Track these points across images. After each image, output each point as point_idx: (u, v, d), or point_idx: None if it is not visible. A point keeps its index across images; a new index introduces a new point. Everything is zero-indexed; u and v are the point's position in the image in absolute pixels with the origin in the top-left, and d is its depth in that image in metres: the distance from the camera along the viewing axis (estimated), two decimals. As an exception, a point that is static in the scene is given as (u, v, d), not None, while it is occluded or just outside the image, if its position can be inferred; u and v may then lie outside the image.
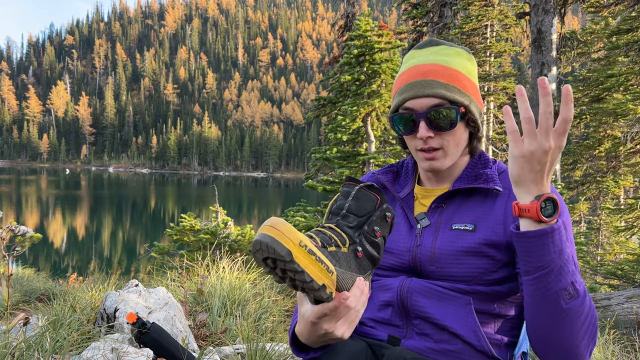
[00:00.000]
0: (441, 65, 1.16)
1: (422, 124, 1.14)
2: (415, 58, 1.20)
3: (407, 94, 1.15)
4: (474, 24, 11.21)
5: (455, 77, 1.16)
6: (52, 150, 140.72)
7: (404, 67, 1.21)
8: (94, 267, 17.56)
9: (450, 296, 1.11)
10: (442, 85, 1.14)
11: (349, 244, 0.93)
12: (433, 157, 1.16)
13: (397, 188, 1.29)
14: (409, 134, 1.18)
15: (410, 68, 1.19)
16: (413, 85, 1.15)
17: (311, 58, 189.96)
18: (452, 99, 1.13)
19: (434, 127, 1.14)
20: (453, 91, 1.14)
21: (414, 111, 1.15)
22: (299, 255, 0.82)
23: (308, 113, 10.93)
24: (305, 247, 0.83)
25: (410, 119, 1.15)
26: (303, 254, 0.82)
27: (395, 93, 1.20)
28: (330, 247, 0.91)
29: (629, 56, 9.78)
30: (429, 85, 1.14)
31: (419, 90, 1.14)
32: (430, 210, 1.20)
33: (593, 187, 13.30)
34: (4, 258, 3.65)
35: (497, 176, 1.19)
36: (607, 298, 4.61)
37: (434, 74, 1.15)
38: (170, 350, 2.23)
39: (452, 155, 1.18)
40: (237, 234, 8.44)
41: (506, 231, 1.11)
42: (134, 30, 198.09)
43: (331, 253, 0.90)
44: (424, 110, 1.13)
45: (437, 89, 1.13)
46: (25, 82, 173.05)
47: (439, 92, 1.13)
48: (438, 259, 1.13)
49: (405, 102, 1.16)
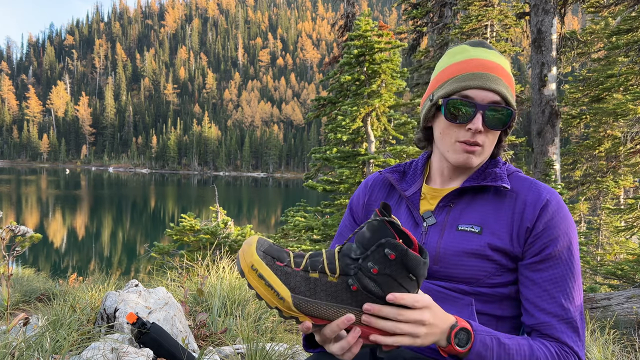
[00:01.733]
0: (503, 67, 1.17)
1: (479, 116, 1.12)
2: (473, 52, 1.18)
3: (470, 82, 1.13)
4: (474, 24, 11.20)
5: (511, 82, 1.18)
6: (52, 150, 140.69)
7: (460, 57, 1.18)
8: (94, 267, 17.56)
9: (451, 297, 1.11)
10: (505, 86, 1.14)
11: (338, 274, 0.91)
12: (473, 151, 1.15)
13: (404, 186, 1.28)
14: (459, 123, 1.15)
15: (473, 59, 1.16)
16: (480, 76, 1.13)
17: (311, 58, 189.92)
18: (510, 102, 1.14)
19: (487, 122, 1.13)
20: (511, 95, 1.15)
21: (475, 101, 1.13)
22: (249, 276, 0.90)
23: (308, 113, 10.93)
24: (255, 271, 0.89)
25: (469, 107, 1.13)
26: (253, 276, 0.90)
27: (451, 78, 1.16)
28: (314, 273, 0.91)
29: (629, 56, 9.78)
30: (495, 81, 1.13)
31: (486, 82, 1.12)
32: (438, 209, 1.20)
33: (593, 187, 13.29)
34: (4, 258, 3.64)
35: (506, 176, 1.18)
36: (607, 298, 4.61)
37: (498, 71, 1.15)
38: (170, 350, 2.23)
39: (485, 155, 1.18)
40: (237, 234, 8.44)
41: (511, 239, 1.11)
42: (134, 30, 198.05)
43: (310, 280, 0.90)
44: (486, 104, 1.13)
45: (502, 88, 1.13)
46: (25, 82, 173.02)
47: (502, 91, 1.13)
48: (442, 259, 1.13)
49: (466, 90, 1.13)
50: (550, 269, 1.09)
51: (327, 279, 0.91)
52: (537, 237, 1.10)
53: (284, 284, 0.89)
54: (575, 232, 1.13)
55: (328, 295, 0.90)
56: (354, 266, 0.90)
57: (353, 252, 0.92)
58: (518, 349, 1.03)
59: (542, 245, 1.09)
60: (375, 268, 0.89)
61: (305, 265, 0.91)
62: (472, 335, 0.99)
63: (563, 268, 1.09)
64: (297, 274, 0.90)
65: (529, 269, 1.10)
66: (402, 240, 0.94)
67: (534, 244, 1.10)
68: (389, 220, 0.92)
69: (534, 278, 1.09)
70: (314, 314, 0.90)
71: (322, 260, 0.92)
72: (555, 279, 1.09)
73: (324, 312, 0.90)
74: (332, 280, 0.90)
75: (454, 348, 0.97)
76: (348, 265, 0.91)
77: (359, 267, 0.90)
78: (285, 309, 0.90)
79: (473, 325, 1.01)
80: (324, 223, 9.05)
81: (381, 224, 0.90)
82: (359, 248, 0.91)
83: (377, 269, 0.89)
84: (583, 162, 13.58)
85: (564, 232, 1.10)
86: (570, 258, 1.09)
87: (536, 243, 1.10)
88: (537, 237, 1.10)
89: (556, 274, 1.09)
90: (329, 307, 0.90)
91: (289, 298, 0.89)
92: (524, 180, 1.18)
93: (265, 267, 0.89)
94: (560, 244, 1.09)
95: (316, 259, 0.92)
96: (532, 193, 1.14)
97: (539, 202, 1.11)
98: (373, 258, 0.89)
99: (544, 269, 1.09)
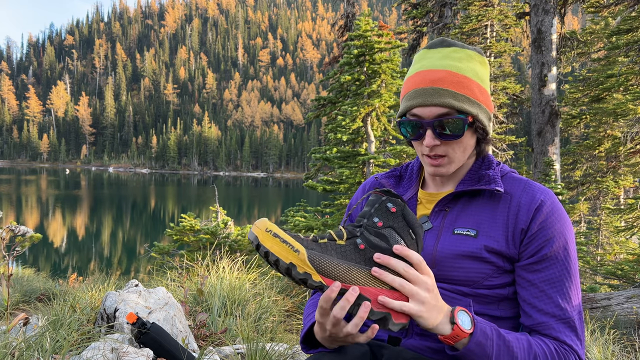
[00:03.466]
0: (450, 71, 1.13)
1: (429, 132, 1.13)
2: (426, 60, 1.17)
3: (414, 100, 1.13)
4: (474, 24, 11.20)
5: (464, 85, 1.13)
6: (52, 150, 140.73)
7: (414, 69, 1.19)
8: (94, 267, 17.56)
9: (450, 298, 1.11)
10: (451, 94, 1.11)
11: (346, 237, 0.98)
12: (439, 163, 1.16)
13: (400, 191, 1.29)
14: (416, 140, 1.18)
15: (421, 72, 1.16)
16: (421, 93, 1.13)
17: (311, 58, 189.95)
18: (460, 109, 1.11)
19: (440, 136, 1.13)
20: (461, 100, 1.12)
21: (421, 119, 1.13)
22: (264, 238, 0.94)
23: (308, 113, 10.93)
24: (270, 232, 0.95)
25: (417, 126, 1.14)
26: (268, 238, 0.94)
27: (404, 97, 1.18)
28: (322, 239, 0.97)
29: (629, 56, 9.78)
30: (437, 94, 1.11)
31: (427, 98, 1.12)
32: (434, 214, 1.20)
33: (593, 187, 13.29)
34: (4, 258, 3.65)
35: (500, 178, 1.18)
36: (607, 298, 4.61)
37: (443, 81, 1.12)
38: (170, 350, 2.23)
39: (458, 162, 1.17)
40: (237, 234, 8.44)
41: (507, 241, 1.11)
42: (134, 30, 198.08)
43: (320, 244, 0.96)
44: (431, 120, 1.12)
45: (445, 99, 1.11)
46: (25, 82, 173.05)
47: (446, 102, 1.10)
48: (439, 262, 1.13)
49: (412, 109, 1.14)
50: (547, 270, 1.09)
51: (335, 243, 0.97)
52: (532, 238, 1.10)
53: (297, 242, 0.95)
54: (572, 231, 1.13)
55: (339, 254, 0.96)
56: (360, 226, 0.99)
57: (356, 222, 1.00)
58: (517, 343, 1.03)
59: (538, 246, 1.09)
60: (380, 222, 0.97)
61: (314, 237, 0.98)
62: (472, 319, 1.00)
63: (559, 268, 1.09)
64: (308, 239, 0.97)
65: (525, 270, 1.10)
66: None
67: (529, 245, 1.10)
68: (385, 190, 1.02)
69: (531, 279, 1.10)
70: (326, 270, 0.95)
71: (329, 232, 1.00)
72: (552, 279, 1.09)
73: (335, 269, 0.95)
74: (340, 243, 0.97)
75: (459, 328, 0.97)
76: (354, 228, 0.99)
77: (365, 225, 0.98)
78: (300, 263, 0.94)
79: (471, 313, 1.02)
80: (324, 223, 9.05)
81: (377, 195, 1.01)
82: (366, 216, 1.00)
83: (382, 222, 0.97)
84: (583, 162, 13.58)
85: (559, 232, 1.10)
86: (566, 258, 1.09)
87: (531, 244, 1.10)
88: (532, 238, 1.10)
89: (553, 275, 1.09)
90: (341, 264, 0.95)
91: (304, 251, 0.94)
92: (518, 182, 1.18)
93: (279, 229, 0.96)
94: (555, 244, 1.09)
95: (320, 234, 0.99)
96: (526, 194, 1.14)
97: (533, 203, 1.12)
98: (377, 212, 0.98)
99: (540, 270, 1.09)
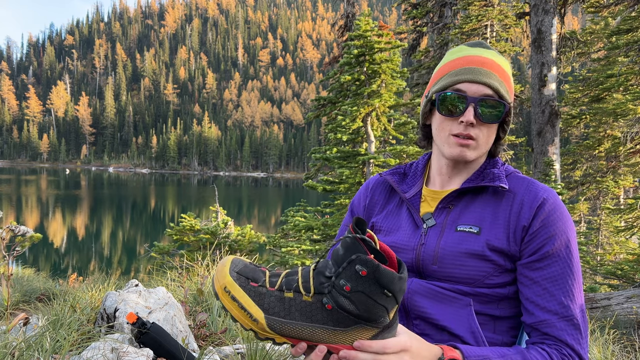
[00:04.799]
0: (497, 63, 1.18)
1: (471, 109, 1.13)
2: (468, 51, 1.20)
3: (463, 76, 1.15)
4: (474, 24, 11.20)
5: (506, 78, 1.18)
6: (52, 150, 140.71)
7: (456, 55, 1.21)
8: (94, 267, 17.56)
9: (450, 297, 1.12)
10: (498, 80, 1.15)
11: (313, 293, 0.89)
12: (467, 144, 1.15)
13: (404, 188, 1.29)
14: (451, 116, 1.16)
15: (467, 56, 1.18)
16: (471, 70, 1.15)
17: (311, 58, 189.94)
18: (503, 95, 1.15)
19: (479, 115, 1.14)
20: (504, 89, 1.16)
21: (466, 94, 1.14)
22: (223, 299, 0.90)
23: (308, 113, 10.93)
24: (228, 293, 0.89)
25: (461, 101, 1.14)
26: (227, 299, 0.90)
27: (445, 74, 1.19)
28: (288, 292, 0.90)
29: (629, 56, 9.78)
30: (487, 75, 1.14)
31: (477, 76, 1.14)
32: (437, 211, 1.20)
33: (593, 187, 13.30)
34: (4, 258, 3.65)
35: (504, 176, 1.19)
36: (607, 298, 4.60)
37: (492, 66, 1.16)
38: (170, 350, 2.23)
39: (481, 150, 1.18)
40: (237, 234, 8.45)
41: (508, 238, 1.11)
42: (134, 30, 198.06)
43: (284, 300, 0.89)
44: (477, 97, 1.14)
45: (494, 81, 1.14)
46: (25, 82, 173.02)
47: (494, 84, 1.14)
48: (441, 259, 1.13)
49: (458, 84, 1.15)
50: (549, 267, 1.09)
51: (301, 298, 0.89)
52: (533, 236, 1.10)
53: (257, 305, 0.89)
54: (574, 230, 1.13)
55: (303, 315, 0.89)
56: (327, 284, 0.88)
57: (328, 270, 0.89)
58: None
59: (540, 244, 1.10)
60: (348, 285, 0.86)
61: (280, 285, 0.90)
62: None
63: (562, 266, 1.09)
64: (271, 294, 0.89)
65: (527, 268, 1.11)
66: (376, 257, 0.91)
67: (530, 243, 1.10)
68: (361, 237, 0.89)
69: (533, 277, 1.10)
70: (289, 335, 0.89)
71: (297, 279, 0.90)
72: (554, 277, 1.09)
73: (299, 333, 0.89)
74: (306, 299, 0.89)
75: None
76: (322, 284, 0.89)
77: (332, 285, 0.88)
78: (260, 331, 0.89)
79: (463, 351, 1.00)
80: (324, 223, 9.05)
81: (353, 240, 0.88)
82: (334, 266, 0.88)
83: (350, 287, 0.86)
84: (583, 162, 13.58)
85: (561, 230, 1.10)
86: (568, 256, 1.10)
87: (533, 242, 1.10)
88: (534, 236, 1.10)
89: (555, 272, 1.09)
90: (304, 327, 0.89)
91: (262, 320, 0.88)
92: (521, 180, 1.18)
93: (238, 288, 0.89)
94: (557, 242, 1.09)
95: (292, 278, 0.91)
96: (529, 192, 1.14)
97: (536, 201, 1.12)
98: (345, 275, 0.86)
99: (542, 268, 1.09)
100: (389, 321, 0.90)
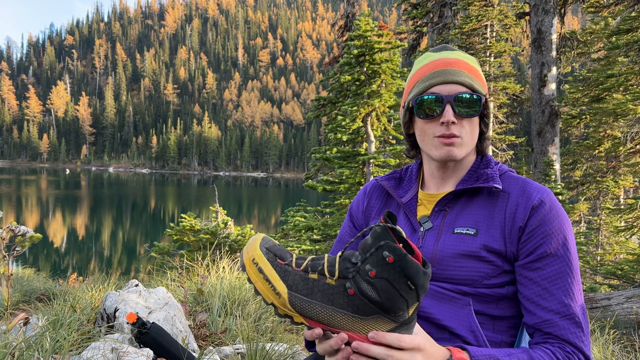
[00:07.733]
0: (464, 61, 1.21)
1: (448, 107, 1.15)
2: (433, 57, 1.23)
3: (434, 79, 1.18)
4: (474, 24, 11.20)
5: (476, 73, 1.21)
6: (52, 150, 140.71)
7: (423, 62, 1.24)
8: (94, 267, 17.57)
9: (450, 297, 1.12)
10: (468, 75, 1.19)
11: (337, 277, 0.89)
12: (452, 142, 1.16)
13: (400, 193, 1.30)
14: (432, 119, 1.18)
15: (433, 61, 1.21)
16: (441, 72, 1.18)
17: (311, 58, 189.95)
18: (476, 89, 1.18)
19: (458, 112, 1.16)
20: (476, 83, 1.19)
21: (441, 95, 1.17)
22: (250, 271, 0.92)
23: (308, 113, 10.94)
24: (256, 265, 0.91)
25: (437, 102, 1.16)
26: (253, 271, 0.91)
27: (417, 82, 1.22)
28: (313, 274, 0.90)
29: (629, 56, 9.77)
30: (456, 74, 1.18)
31: (447, 76, 1.17)
32: (434, 214, 1.21)
33: (593, 187, 13.30)
34: (4, 258, 3.65)
35: (498, 176, 1.19)
36: (607, 298, 4.60)
37: (459, 65, 1.19)
38: (170, 350, 2.23)
39: (467, 146, 1.19)
40: (237, 234, 8.44)
41: (504, 239, 1.12)
42: (134, 30, 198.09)
43: (308, 280, 0.90)
44: (452, 94, 1.16)
45: (464, 78, 1.17)
46: (25, 82, 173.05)
47: (465, 81, 1.17)
48: (439, 261, 1.14)
49: (432, 87, 1.18)
50: (548, 267, 1.09)
51: (325, 280, 0.90)
52: (530, 236, 1.10)
53: (281, 280, 0.90)
54: (571, 229, 1.13)
55: (324, 297, 0.89)
56: (352, 270, 0.89)
57: (354, 257, 0.90)
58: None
59: (536, 244, 1.10)
60: (373, 271, 0.86)
61: (306, 267, 0.91)
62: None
63: (560, 265, 1.09)
64: (296, 273, 0.91)
65: (526, 269, 1.11)
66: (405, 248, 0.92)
67: (527, 243, 1.10)
68: (392, 227, 0.90)
69: (532, 277, 1.10)
70: (308, 314, 0.90)
71: (323, 263, 0.92)
72: (553, 276, 1.09)
73: (318, 314, 0.90)
74: (330, 282, 0.89)
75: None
76: (347, 269, 0.89)
77: (357, 270, 0.88)
78: (281, 306, 0.90)
79: (470, 352, 1.00)
80: (324, 223, 9.05)
81: (383, 230, 0.89)
82: (361, 254, 0.89)
83: (375, 272, 0.86)
84: (583, 162, 13.59)
85: (558, 229, 1.10)
86: (566, 254, 1.10)
87: (530, 242, 1.10)
88: (530, 236, 1.10)
89: (554, 271, 1.09)
90: (324, 309, 0.89)
91: (285, 294, 0.89)
92: (516, 180, 1.19)
93: (265, 261, 0.91)
94: (554, 241, 1.10)
95: (317, 262, 0.92)
96: (524, 193, 1.15)
97: (531, 201, 1.12)
98: (372, 260, 0.87)
99: (541, 267, 1.09)
100: (407, 317, 0.90)
